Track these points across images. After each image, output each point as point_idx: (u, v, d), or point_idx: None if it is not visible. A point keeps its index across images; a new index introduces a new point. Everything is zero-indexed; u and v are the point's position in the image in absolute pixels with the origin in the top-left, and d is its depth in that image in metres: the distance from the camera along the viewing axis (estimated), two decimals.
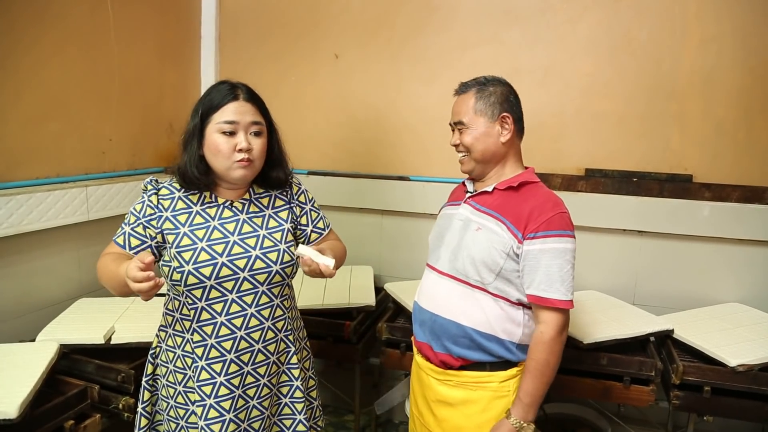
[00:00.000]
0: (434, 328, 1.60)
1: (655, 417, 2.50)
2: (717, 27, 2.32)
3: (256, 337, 1.47)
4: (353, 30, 2.76)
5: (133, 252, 1.44)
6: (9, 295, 1.99)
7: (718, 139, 2.38)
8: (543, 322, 1.49)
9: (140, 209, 1.45)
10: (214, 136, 1.41)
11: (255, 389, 1.50)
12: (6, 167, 1.95)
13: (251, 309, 1.46)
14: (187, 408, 1.48)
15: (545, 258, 1.47)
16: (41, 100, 2.05)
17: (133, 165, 2.52)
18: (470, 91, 1.60)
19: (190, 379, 1.46)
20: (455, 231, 1.62)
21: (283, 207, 1.58)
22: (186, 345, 1.47)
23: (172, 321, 1.50)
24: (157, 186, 1.48)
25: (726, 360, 1.89)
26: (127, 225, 1.46)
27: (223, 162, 1.42)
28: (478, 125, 1.57)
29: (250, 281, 1.45)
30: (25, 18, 1.96)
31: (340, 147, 2.87)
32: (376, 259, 2.86)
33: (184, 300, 1.45)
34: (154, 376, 1.57)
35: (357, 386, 2.51)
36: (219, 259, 1.41)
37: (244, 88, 1.46)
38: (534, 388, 1.48)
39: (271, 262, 1.47)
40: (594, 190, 2.49)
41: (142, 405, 1.57)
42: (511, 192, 1.57)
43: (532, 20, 2.52)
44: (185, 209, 1.46)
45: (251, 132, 1.44)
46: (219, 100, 1.42)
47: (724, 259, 2.40)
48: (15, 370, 1.61)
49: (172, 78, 2.75)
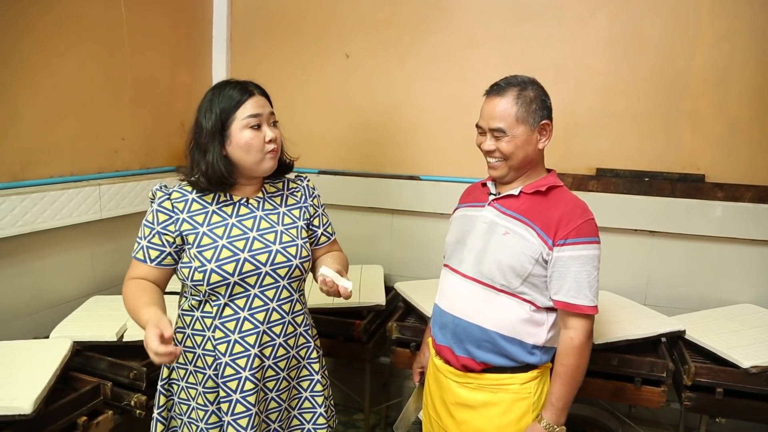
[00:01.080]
0: (456, 331, 1.58)
1: (666, 418, 2.49)
2: (731, 24, 2.30)
3: (277, 331, 1.51)
4: (364, 30, 2.77)
5: (155, 264, 1.45)
6: (23, 292, 2.01)
7: (732, 138, 2.35)
8: (572, 328, 1.49)
9: (153, 219, 1.45)
10: (244, 132, 1.43)
11: (274, 382, 1.54)
12: (21, 166, 1.97)
13: (273, 303, 1.49)
14: (206, 409, 1.48)
15: (575, 265, 1.46)
16: (56, 100, 2.08)
17: (145, 164, 2.54)
18: (509, 95, 1.51)
19: (210, 378, 1.47)
20: (479, 234, 1.59)
21: (296, 205, 1.60)
22: (207, 343, 1.47)
23: (191, 321, 1.50)
24: (167, 191, 1.48)
25: (739, 361, 1.87)
26: (143, 239, 1.45)
27: (255, 156, 1.44)
28: (519, 133, 1.50)
29: (272, 275, 1.47)
30: (40, 20, 1.98)
31: (351, 146, 2.87)
32: (386, 258, 2.86)
33: (205, 298, 1.46)
34: (170, 380, 1.56)
35: (367, 385, 2.51)
36: (241, 255, 1.43)
37: (253, 84, 1.49)
38: (566, 392, 1.49)
39: (291, 256, 1.50)
40: (605, 190, 2.47)
41: (158, 410, 1.56)
42: (539, 196, 1.54)
43: (543, 18, 2.51)
44: (201, 210, 1.47)
45: (271, 122, 1.49)
46: (238, 97, 1.43)
47: (736, 260, 2.38)
48: (29, 367, 1.63)
49: (184, 78, 2.77)
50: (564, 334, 1.51)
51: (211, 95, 1.46)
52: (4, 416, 1.43)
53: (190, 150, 1.48)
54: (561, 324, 1.53)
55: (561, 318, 1.53)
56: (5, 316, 1.95)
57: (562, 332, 1.52)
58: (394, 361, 2.28)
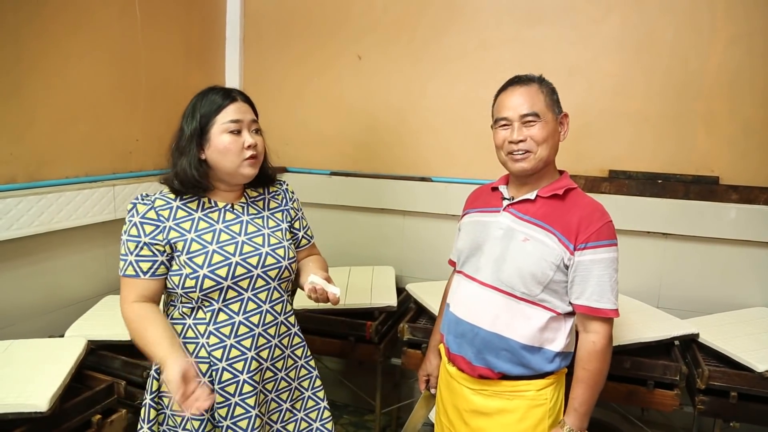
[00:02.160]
0: (475, 341, 1.55)
1: (679, 422, 2.47)
2: (746, 24, 2.28)
3: (272, 333, 1.52)
4: (376, 31, 2.77)
5: (149, 276, 1.42)
6: (39, 291, 2.04)
7: (746, 139, 2.33)
8: (595, 332, 1.47)
9: (137, 232, 1.41)
10: (222, 136, 1.43)
11: (273, 383, 1.55)
12: (37, 167, 2.00)
13: (266, 305, 1.50)
14: (201, 418, 1.45)
15: (596, 269, 1.44)
16: (71, 101, 2.10)
17: (159, 165, 2.55)
18: (533, 85, 1.50)
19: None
20: (496, 240, 1.55)
21: (278, 208, 1.62)
22: (200, 350, 1.45)
23: (182, 329, 1.47)
24: (150, 200, 1.45)
25: (753, 365, 1.86)
26: (129, 254, 1.41)
27: (233, 160, 1.44)
28: (550, 119, 1.48)
29: (263, 278, 1.48)
30: (55, 21, 2.01)
31: (363, 148, 2.88)
32: (397, 259, 2.86)
33: (197, 305, 1.45)
34: (160, 393, 1.50)
35: (378, 386, 2.52)
36: (233, 259, 1.43)
37: (237, 90, 1.51)
38: (588, 397, 1.48)
39: (281, 257, 1.51)
40: (618, 192, 2.46)
41: (148, 425, 1.48)
42: (556, 200, 1.51)
43: (556, 20, 2.50)
44: (187, 216, 1.46)
45: (252, 130, 1.49)
46: (219, 102, 1.45)
47: (751, 263, 2.36)
48: (45, 365, 1.65)
49: (197, 79, 2.78)
50: (585, 338, 1.49)
51: (195, 100, 1.48)
52: (20, 414, 1.44)
53: (170, 153, 1.50)
54: (581, 328, 1.51)
55: (581, 322, 1.51)
56: (21, 315, 1.97)
57: (583, 336, 1.50)
58: (405, 362, 2.28)
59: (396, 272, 2.77)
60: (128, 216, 1.43)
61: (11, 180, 1.91)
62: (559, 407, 1.56)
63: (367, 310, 2.38)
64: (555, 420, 1.54)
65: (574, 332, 1.55)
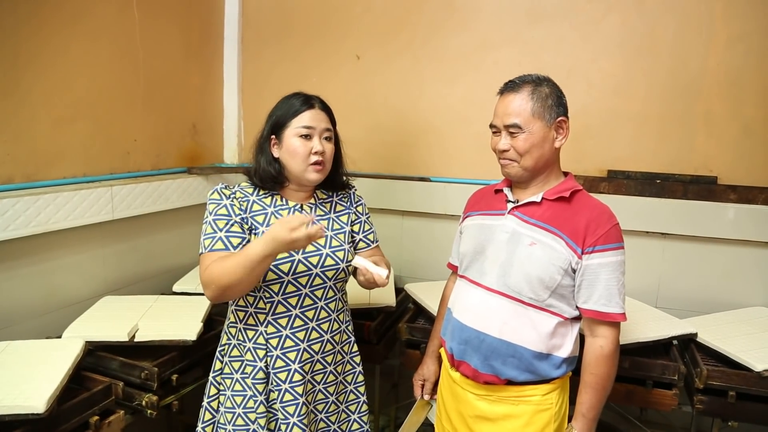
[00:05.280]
0: (481, 347, 1.53)
1: (678, 421, 2.47)
2: (744, 25, 2.28)
3: (325, 328, 1.64)
4: (375, 31, 2.77)
5: (237, 250, 1.50)
6: (36, 292, 2.03)
7: (745, 139, 2.33)
8: (602, 336, 1.46)
9: (227, 211, 1.54)
10: (292, 139, 1.56)
11: (322, 375, 1.67)
12: (35, 167, 1.99)
13: (321, 302, 1.62)
14: (256, 399, 1.58)
15: (604, 272, 1.43)
16: (69, 101, 2.09)
17: (156, 165, 2.55)
18: (523, 91, 1.47)
19: (261, 370, 1.57)
20: (501, 244, 1.53)
21: (343, 212, 1.74)
22: (259, 337, 1.59)
23: (244, 316, 1.61)
24: (232, 191, 1.60)
25: (752, 365, 1.85)
26: (219, 231, 1.52)
27: (299, 163, 1.56)
28: (535, 129, 1.46)
29: (321, 277, 1.59)
30: (53, 21, 2.00)
31: (361, 147, 2.87)
32: (396, 259, 2.86)
33: (259, 294, 1.57)
34: (222, 373, 1.66)
35: (377, 387, 2.51)
36: (296, 257, 1.55)
37: (318, 99, 1.65)
38: (597, 402, 1.47)
39: (339, 260, 1.62)
40: (616, 192, 2.46)
41: (207, 400, 1.69)
42: (562, 203, 1.50)
43: (556, 20, 2.50)
44: (261, 210, 1.60)
45: (324, 137, 1.60)
46: (297, 107, 1.58)
47: (749, 263, 2.36)
48: (42, 366, 1.64)
49: (196, 79, 2.78)
50: (592, 342, 1.48)
51: (278, 103, 1.63)
52: (17, 415, 1.44)
53: (254, 149, 1.65)
54: (587, 332, 1.50)
55: (588, 326, 1.49)
56: (18, 316, 1.96)
57: (590, 340, 1.49)
58: (404, 362, 2.28)
59: (395, 272, 2.76)
60: (214, 199, 1.57)
61: (8, 180, 1.90)
62: (564, 411, 1.55)
63: (366, 310, 2.37)
64: (560, 424, 1.53)
65: (578, 336, 1.55)
